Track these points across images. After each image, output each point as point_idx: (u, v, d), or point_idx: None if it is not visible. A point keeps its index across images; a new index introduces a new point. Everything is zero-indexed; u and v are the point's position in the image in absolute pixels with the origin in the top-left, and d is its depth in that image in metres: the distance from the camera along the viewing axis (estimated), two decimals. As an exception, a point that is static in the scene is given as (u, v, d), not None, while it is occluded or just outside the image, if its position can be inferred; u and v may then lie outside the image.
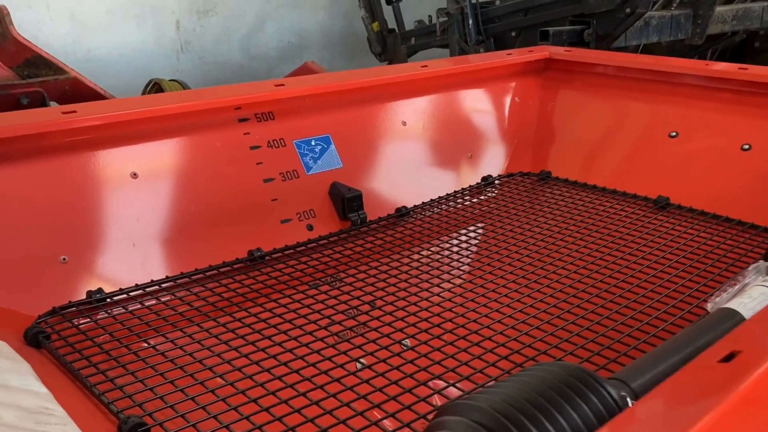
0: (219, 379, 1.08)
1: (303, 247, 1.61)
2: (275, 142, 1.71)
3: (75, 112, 1.45)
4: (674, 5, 3.29)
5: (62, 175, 1.41)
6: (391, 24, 3.76)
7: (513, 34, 3.12)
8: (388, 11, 3.75)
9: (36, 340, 1.17)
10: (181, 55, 4.01)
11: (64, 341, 1.18)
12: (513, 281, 1.41)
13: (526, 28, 3.04)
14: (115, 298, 1.34)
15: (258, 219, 1.62)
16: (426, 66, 2.01)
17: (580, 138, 2.10)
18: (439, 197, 1.88)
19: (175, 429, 0.94)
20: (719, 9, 3.43)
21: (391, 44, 3.72)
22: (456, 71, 2.07)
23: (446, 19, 3.26)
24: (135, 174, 1.50)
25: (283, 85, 1.74)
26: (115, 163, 1.48)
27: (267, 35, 4.39)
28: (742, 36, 4.26)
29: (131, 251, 1.44)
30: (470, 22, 3.12)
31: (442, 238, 1.68)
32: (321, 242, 1.64)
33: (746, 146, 1.79)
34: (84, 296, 1.32)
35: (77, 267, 1.37)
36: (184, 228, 1.51)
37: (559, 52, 2.28)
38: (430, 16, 3.62)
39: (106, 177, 1.46)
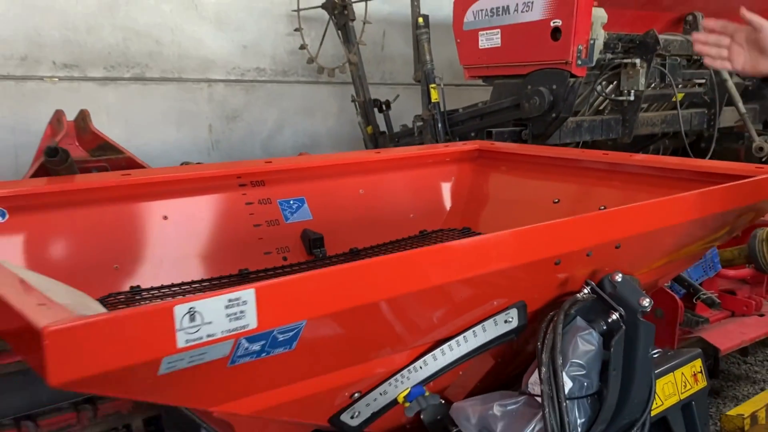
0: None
1: (279, 271, 2.32)
2: (264, 200, 2.45)
3: (129, 174, 2.22)
4: (606, 111, 4.06)
5: (119, 214, 2.15)
6: (383, 127, 4.59)
7: (472, 134, 3.89)
8: (380, 117, 4.59)
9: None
10: (212, 152, 4.88)
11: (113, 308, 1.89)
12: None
13: (480, 130, 3.81)
14: (147, 291, 2.05)
15: (247, 251, 2.33)
16: (379, 152, 2.77)
17: (496, 204, 2.81)
18: (384, 243, 2.59)
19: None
20: (649, 114, 4.19)
21: (381, 143, 4.52)
22: (403, 156, 2.83)
23: (421, 123, 4.05)
24: (166, 216, 2.24)
25: (271, 162, 2.50)
26: (153, 208, 2.22)
27: (284, 137, 5.25)
28: (693, 137, 4.99)
29: (160, 265, 2.16)
30: (439, 125, 3.91)
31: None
32: (293, 268, 2.35)
33: (602, 207, 2.47)
34: (128, 289, 2.04)
35: (125, 272, 2.09)
36: (196, 252, 2.24)
37: (486, 144, 3.03)
38: (413, 121, 4.44)
39: (146, 217, 2.20)
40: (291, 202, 2.49)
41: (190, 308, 0.96)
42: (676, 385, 1.93)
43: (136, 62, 4.51)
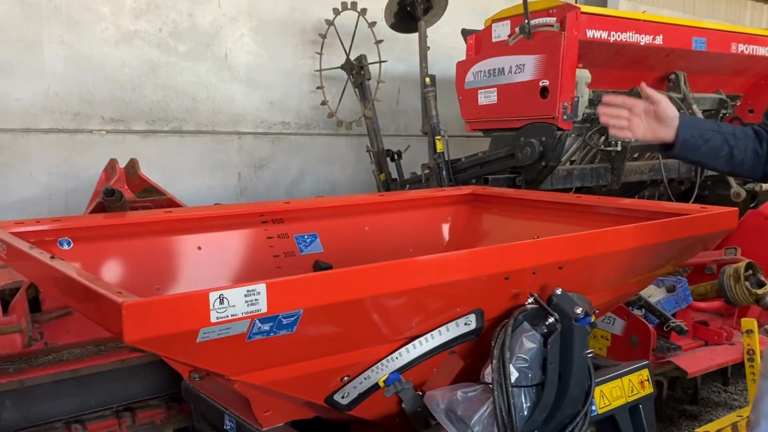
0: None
1: (293, 294, 2.73)
2: (282, 235, 2.88)
3: (171, 212, 2.67)
4: (597, 160, 4.46)
5: (162, 244, 2.60)
6: (395, 174, 5.03)
7: (473, 181, 4.31)
8: (392, 166, 5.04)
9: (144, 318, 2.30)
10: (241, 197, 5.36)
11: (158, 319, 2.31)
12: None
13: (481, 177, 4.23)
14: (184, 307, 2.47)
15: (267, 277, 2.73)
16: (383, 195, 3.20)
17: (487, 241, 3.20)
18: (385, 274, 2.98)
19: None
20: (638, 163, 4.57)
21: (393, 189, 4.96)
22: (404, 199, 3.25)
23: (428, 171, 4.49)
24: (200, 247, 2.67)
25: (289, 203, 2.94)
26: (190, 240, 2.66)
27: (306, 184, 5.73)
28: (688, 185, 5.34)
29: (195, 287, 2.57)
30: (444, 173, 4.34)
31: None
32: (305, 293, 2.76)
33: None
34: (168, 305, 2.46)
35: (165, 292, 2.52)
36: (224, 277, 2.66)
37: (479, 189, 3.44)
38: (421, 169, 4.89)
39: (184, 247, 2.64)
40: (305, 237, 2.92)
41: (220, 295, 1.38)
42: (623, 389, 2.28)
43: (175, 117, 5.05)
